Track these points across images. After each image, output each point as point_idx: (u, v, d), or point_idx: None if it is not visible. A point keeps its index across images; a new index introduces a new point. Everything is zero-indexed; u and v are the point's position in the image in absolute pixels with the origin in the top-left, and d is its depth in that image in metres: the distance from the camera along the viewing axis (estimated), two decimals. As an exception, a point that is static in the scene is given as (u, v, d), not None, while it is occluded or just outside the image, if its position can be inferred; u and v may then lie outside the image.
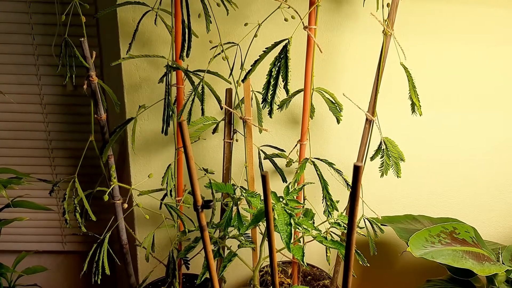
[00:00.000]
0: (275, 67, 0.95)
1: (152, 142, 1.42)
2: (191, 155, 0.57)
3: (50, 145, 1.70)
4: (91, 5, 1.49)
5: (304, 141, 1.19)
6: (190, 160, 0.58)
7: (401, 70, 1.12)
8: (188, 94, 1.06)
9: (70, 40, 1.03)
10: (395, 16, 1.07)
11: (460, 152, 1.47)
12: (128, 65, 1.33)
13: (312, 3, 1.02)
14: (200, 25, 1.12)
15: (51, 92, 1.62)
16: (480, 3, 1.28)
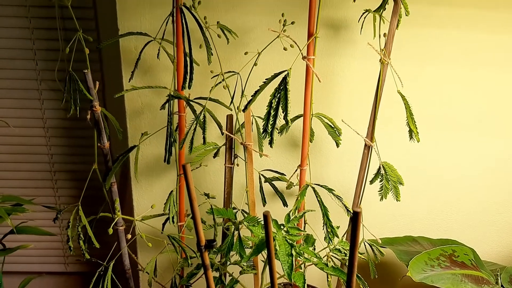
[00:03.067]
0: (275, 98, 0.97)
1: (153, 166, 1.44)
2: (194, 196, 0.59)
3: (52, 167, 1.72)
4: (93, 31, 1.52)
5: (304, 166, 1.21)
6: (193, 201, 0.60)
7: (399, 95, 1.15)
8: (190, 123, 1.08)
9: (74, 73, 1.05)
10: (391, 45, 1.10)
11: (457, 173, 1.49)
12: (130, 91, 1.36)
13: (310, 35, 1.05)
14: (201, 52, 1.14)
15: (54, 116, 1.64)
16: (474, 28, 1.30)
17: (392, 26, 1.09)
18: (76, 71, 1.15)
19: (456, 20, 1.29)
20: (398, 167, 1.26)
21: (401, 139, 1.37)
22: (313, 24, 1.04)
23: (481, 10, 1.28)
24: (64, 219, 1.75)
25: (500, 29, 1.30)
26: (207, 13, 1.25)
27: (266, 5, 1.27)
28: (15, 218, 1.31)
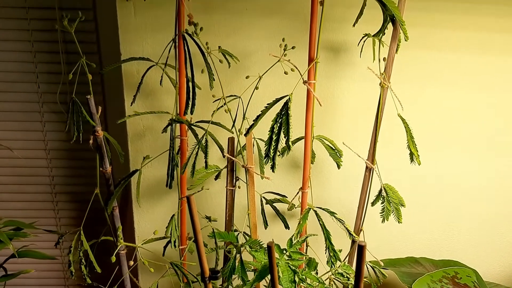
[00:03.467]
0: (277, 123, 0.98)
1: (155, 189, 1.44)
2: (199, 228, 0.59)
3: (53, 189, 1.72)
4: (95, 54, 1.53)
5: (305, 189, 1.21)
6: (197, 234, 0.60)
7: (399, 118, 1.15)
8: (192, 148, 1.09)
9: (77, 100, 1.05)
10: (391, 69, 1.11)
11: (458, 193, 1.49)
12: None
13: (311, 60, 1.06)
14: (203, 76, 1.15)
15: (55, 138, 1.64)
16: (472, 51, 1.32)
17: (391, 50, 1.10)
18: (78, 93, 1.16)
19: (455, 43, 1.31)
20: (399, 187, 1.26)
21: (401, 160, 1.37)
22: (313, 49, 1.05)
23: (479, 33, 1.30)
24: (65, 240, 1.75)
25: (498, 51, 1.32)
26: (209, 37, 1.26)
27: (266, 29, 1.28)
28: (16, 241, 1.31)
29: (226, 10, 1.26)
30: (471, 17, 1.28)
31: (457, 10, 1.27)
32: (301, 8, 1.26)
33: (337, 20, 1.28)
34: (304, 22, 1.28)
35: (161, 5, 1.25)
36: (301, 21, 1.27)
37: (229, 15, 1.26)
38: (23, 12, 1.47)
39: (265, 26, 1.28)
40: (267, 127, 1.04)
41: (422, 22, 1.28)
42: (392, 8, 1.02)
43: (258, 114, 1.03)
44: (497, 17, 1.28)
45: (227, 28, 1.28)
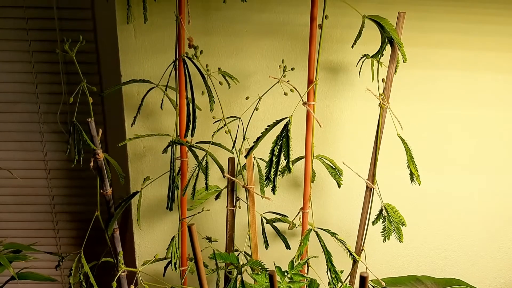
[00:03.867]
0: (277, 145, 0.99)
1: (155, 209, 1.44)
2: (200, 257, 0.59)
3: (53, 209, 1.72)
4: (96, 74, 1.54)
5: (306, 209, 1.21)
6: (199, 262, 0.60)
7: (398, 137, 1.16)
8: (192, 170, 1.09)
9: (78, 124, 1.06)
10: (390, 90, 1.12)
11: (459, 211, 1.49)
12: (132, 135, 1.37)
13: (310, 81, 1.07)
14: (203, 96, 1.16)
15: (56, 157, 1.65)
16: (470, 69, 1.33)
17: (390, 71, 1.11)
18: (78, 113, 1.16)
19: (452, 61, 1.32)
20: (400, 205, 1.26)
21: (402, 179, 1.37)
22: (312, 71, 1.06)
23: (476, 51, 1.31)
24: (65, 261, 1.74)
25: (495, 69, 1.33)
26: (209, 58, 1.28)
27: (266, 50, 1.30)
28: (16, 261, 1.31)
29: (226, 32, 1.27)
30: (468, 36, 1.29)
31: (454, 30, 1.29)
32: (300, 30, 1.28)
33: (336, 41, 1.29)
34: (303, 43, 1.29)
35: (161, 27, 1.26)
36: (300, 41, 1.29)
37: (229, 36, 1.28)
38: (23, 33, 1.48)
39: (264, 47, 1.29)
40: (267, 146, 1.05)
41: (420, 41, 1.30)
42: (390, 31, 1.03)
43: (258, 134, 1.03)
44: (493, 36, 1.30)
45: (227, 49, 1.29)
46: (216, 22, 1.26)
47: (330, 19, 1.13)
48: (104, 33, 1.48)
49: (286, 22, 1.27)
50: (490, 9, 1.26)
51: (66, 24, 1.48)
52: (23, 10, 1.45)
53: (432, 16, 1.27)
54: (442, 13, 1.27)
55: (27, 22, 1.47)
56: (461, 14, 1.27)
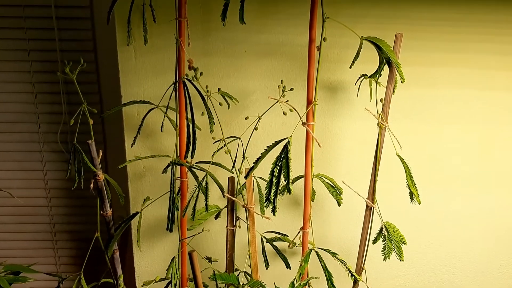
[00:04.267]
0: (277, 166, 0.99)
1: (154, 228, 1.44)
2: (201, 284, 0.59)
3: (53, 228, 1.72)
4: (96, 94, 1.55)
5: (306, 228, 1.21)
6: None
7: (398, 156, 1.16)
8: (192, 190, 1.09)
9: (78, 146, 1.06)
10: (388, 110, 1.13)
11: (459, 229, 1.49)
12: (132, 155, 1.37)
13: (309, 102, 1.07)
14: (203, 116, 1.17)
15: (56, 177, 1.65)
16: (467, 86, 1.34)
17: (388, 91, 1.12)
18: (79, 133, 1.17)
19: (450, 80, 1.33)
20: (400, 224, 1.26)
21: (402, 197, 1.37)
22: (311, 92, 1.07)
23: (475, 70, 1.32)
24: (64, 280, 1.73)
25: (494, 87, 1.34)
26: (208, 78, 1.29)
27: (265, 70, 1.31)
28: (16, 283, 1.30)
29: (225, 52, 1.28)
30: (467, 55, 1.31)
31: (452, 49, 1.30)
32: (298, 50, 1.29)
33: (334, 60, 1.30)
34: (301, 62, 1.30)
35: (161, 49, 1.27)
36: (299, 61, 1.30)
37: (229, 57, 1.29)
38: (24, 54, 1.50)
39: (263, 67, 1.30)
40: (267, 165, 1.05)
41: (418, 61, 1.31)
42: (388, 52, 1.04)
43: (257, 153, 1.04)
44: (492, 54, 1.31)
45: (227, 69, 1.30)
46: (216, 43, 1.28)
47: (328, 39, 1.14)
48: (104, 54, 1.49)
49: (284, 42, 1.29)
50: (487, 28, 1.28)
51: (67, 45, 1.49)
52: (24, 31, 1.47)
53: (430, 36, 1.28)
54: (440, 32, 1.28)
55: (28, 43, 1.49)
56: (459, 34, 1.28)
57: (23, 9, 1.45)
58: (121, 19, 1.25)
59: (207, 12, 1.25)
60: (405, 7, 1.26)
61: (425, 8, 1.26)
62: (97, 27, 1.49)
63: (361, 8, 1.26)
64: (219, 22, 1.26)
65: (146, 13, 1.11)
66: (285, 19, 1.27)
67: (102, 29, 1.49)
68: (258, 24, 1.27)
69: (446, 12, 1.26)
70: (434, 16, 1.27)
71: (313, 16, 1.01)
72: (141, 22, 1.17)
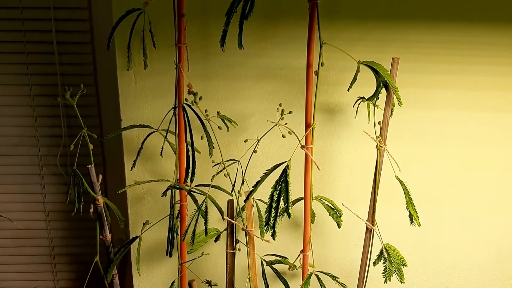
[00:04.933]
0: (276, 190, 0.99)
1: (153, 251, 1.43)
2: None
3: (52, 251, 1.71)
4: (96, 117, 1.56)
5: (306, 251, 1.20)
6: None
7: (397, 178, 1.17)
8: (192, 214, 1.09)
9: (78, 172, 1.07)
10: (386, 132, 1.13)
11: (461, 250, 1.48)
12: (132, 178, 1.37)
13: (308, 126, 1.08)
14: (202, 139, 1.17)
15: (55, 200, 1.65)
16: (465, 107, 1.35)
17: (386, 114, 1.13)
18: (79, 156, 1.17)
19: (446, 101, 1.34)
20: (400, 245, 1.26)
21: (401, 218, 1.37)
22: (310, 115, 1.08)
23: (469, 91, 1.33)
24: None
25: (492, 108, 1.35)
26: (207, 101, 1.30)
27: (264, 93, 1.32)
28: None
29: (224, 76, 1.30)
30: (464, 76, 1.32)
31: (449, 71, 1.31)
32: (296, 74, 1.30)
33: (331, 83, 1.31)
34: (299, 85, 1.31)
35: (161, 73, 1.28)
36: (297, 84, 1.31)
37: (228, 80, 1.30)
38: (25, 78, 1.51)
39: (262, 90, 1.32)
40: (266, 187, 1.05)
41: (415, 83, 1.32)
42: (385, 75, 1.05)
43: (256, 175, 1.04)
44: (487, 76, 1.32)
45: (226, 92, 1.31)
46: (215, 67, 1.29)
47: (325, 62, 1.15)
48: (104, 77, 1.51)
49: (282, 66, 1.30)
50: (484, 50, 1.29)
51: (67, 69, 1.51)
52: (25, 55, 1.49)
53: (427, 58, 1.30)
54: (436, 54, 1.30)
55: (28, 67, 1.50)
56: (456, 56, 1.30)
57: (24, 33, 1.47)
58: (121, 44, 1.26)
59: (207, 38, 1.27)
60: (401, 30, 1.28)
61: (421, 31, 1.28)
62: (97, 51, 1.50)
63: (358, 32, 1.28)
64: (218, 47, 1.28)
65: (146, 38, 1.13)
66: (283, 43, 1.29)
67: (102, 53, 1.51)
68: (256, 48, 1.29)
69: (442, 35, 1.28)
70: (430, 38, 1.28)
71: (311, 41, 1.02)
72: (141, 47, 1.18)
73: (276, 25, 1.28)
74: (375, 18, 1.28)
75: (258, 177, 1.06)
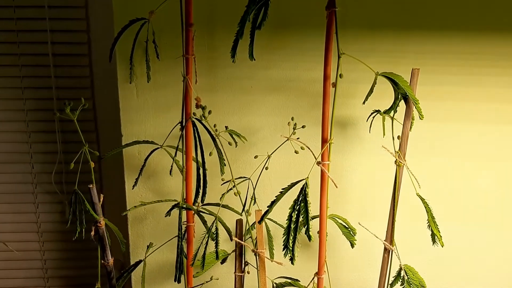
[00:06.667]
0: (295, 211, 0.93)
1: (155, 274, 1.36)
2: None
3: (46, 273, 1.62)
4: (93, 132, 1.48)
5: (321, 274, 1.14)
6: None
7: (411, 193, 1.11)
8: (201, 237, 1.02)
9: (80, 193, 0.99)
10: (406, 147, 1.08)
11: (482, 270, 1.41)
12: (133, 197, 1.30)
13: (324, 141, 1.02)
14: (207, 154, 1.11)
15: (49, 219, 1.57)
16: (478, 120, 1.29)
17: (405, 128, 1.07)
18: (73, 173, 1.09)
19: (461, 113, 1.29)
20: (416, 265, 1.19)
21: (417, 236, 1.31)
22: (326, 130, 1.01)
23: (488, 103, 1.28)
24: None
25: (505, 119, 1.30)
26: (213, 115, 1.23)
27: (272, 106, 1.26)
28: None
29: (231, 89, 1.24)
30: (479, 88, 1.27)
31: (464, 83, 1.26)
32: (306, 86, 1.25)
33: (344, 95, 1.25)
34: (309, 98, 1.26)
35: (164, 86, 1.22)
36: (307, 97, 1.25)
37: (235, 93, 1.24)
38: (19, 92, 1.44)
39: (270, 103, 1.26)
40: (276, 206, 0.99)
41: (429, 95, 1.27)
42: (405, 87, 0.99)
43: (265, 192, 0.97)
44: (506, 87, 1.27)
45: (233, 106, 1.25)
46: (222, 79, 1.23)
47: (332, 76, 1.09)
48: (102, 91, 1.44)
49: (292, 78, 1.25)
50: (501, 61, 1.24)
51: (63, 82, 1.43)
52: (18, 68, 1.41)
53: (442, 69, 1.25)
54: (452, 66, 1.24)
55: (22, 80, 1.43)
56: (473, 67, 1.25)
57: (18, 45, 1.40)
58: (122, 56, 1.20)
59: (213, 49, 1.21)
60: (414, 41, 1.23)
61: (436, 41, 1.23)
62: (95, 64, 1.43)
63: (369, 43, 1.23)
64: (224, 59, 1.23)
65: (149, 49, 1.07)
66: (292, 54, 1.23)
67: (99, 66, 1.44)
68: (264, 59, 1.23)
69: (458, 46, 1.23)
70: (445, 49, 1.23)
71: (328, 52, 0.96)
72: (143, 59, 1.13)
73: (285, 35, 1.22)
74: (387, 28, 1.23)
75: (267, 195, 1.00)
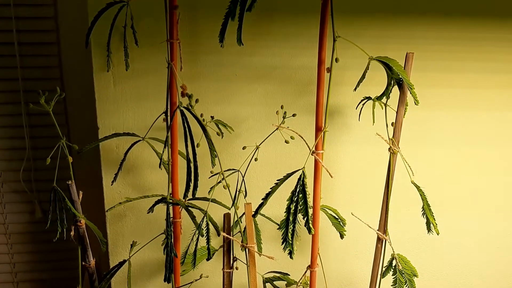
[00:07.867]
0: (293, 202, 0.88)
1: (137, 274, 1.29)
2: None
3: (15, 278, 1.52)
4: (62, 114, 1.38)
5: (314, 267, 1.10)
6: None
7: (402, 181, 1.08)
8: (191, 233, 0.96)
9: (60, 191, 0.91)
10: (399, 134, 1.05)
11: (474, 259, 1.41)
12: (111, 193, 1.22)
13: (318, 129, 0.97)
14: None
15: (17, 220, 1.46)
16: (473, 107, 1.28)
17: (399, 115, 1.04)
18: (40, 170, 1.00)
19: (455, 100, 1.27)
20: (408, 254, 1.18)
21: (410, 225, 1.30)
22: (321, 118, 0.97)
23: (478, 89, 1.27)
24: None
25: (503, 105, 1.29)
26: (197, 105, 1.17)
27: (257, 95, 1.21)
28: None
29: (214, 77, 1.18)
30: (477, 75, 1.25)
31: (461, 69, 1.24)
32: (292, 73, 1.20)
33: (334, 82, 1.21)
34: (295, 86, 1.21)
35: (143, 74, 1.14)
36: (293, 85, 1.21)
37: (218, 82, 1.18)
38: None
39: (256, 92, 1.20)
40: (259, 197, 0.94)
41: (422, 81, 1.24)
42: (399, 72, 0.96)
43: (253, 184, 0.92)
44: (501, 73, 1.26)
45: (216, 95, 1.19)
46: (204, 67, 1.16)
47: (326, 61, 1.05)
48: (73, 81, 1.35)
49: (277, 65, 1.19)
50: (497, 46, 1.23)
51: (30, 73, 1.33)
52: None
53: (435, 55, 1.22)
54: (446, 51, 1.22)
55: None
56: (467, 53, 1.23)
57: (-21, 34, 1.29)
58: (97, 43, 1.11)
59: (194, 35, 1.15)
60: (403, 26, 1.20)
61: (429, 27, 1.20)
62: (64, 53, 1.34)
63: (356, 28, 1.19)
64: (207, 45, 1.17)
65: (127, 35, 0.99)
66: (278, 40, 1.18)
67: (69, 55, 1.35)
68: (249, 46, 1.17)
69: (452, 31, 1.21)
70: (439, 35, 1.21)
71: (323, 35, 0.92)
72: (120, 46, 1.05)
73: (271, 21, 1.17)
74: (374, 13, 1.19)
75: (256, 187, 0.95)
